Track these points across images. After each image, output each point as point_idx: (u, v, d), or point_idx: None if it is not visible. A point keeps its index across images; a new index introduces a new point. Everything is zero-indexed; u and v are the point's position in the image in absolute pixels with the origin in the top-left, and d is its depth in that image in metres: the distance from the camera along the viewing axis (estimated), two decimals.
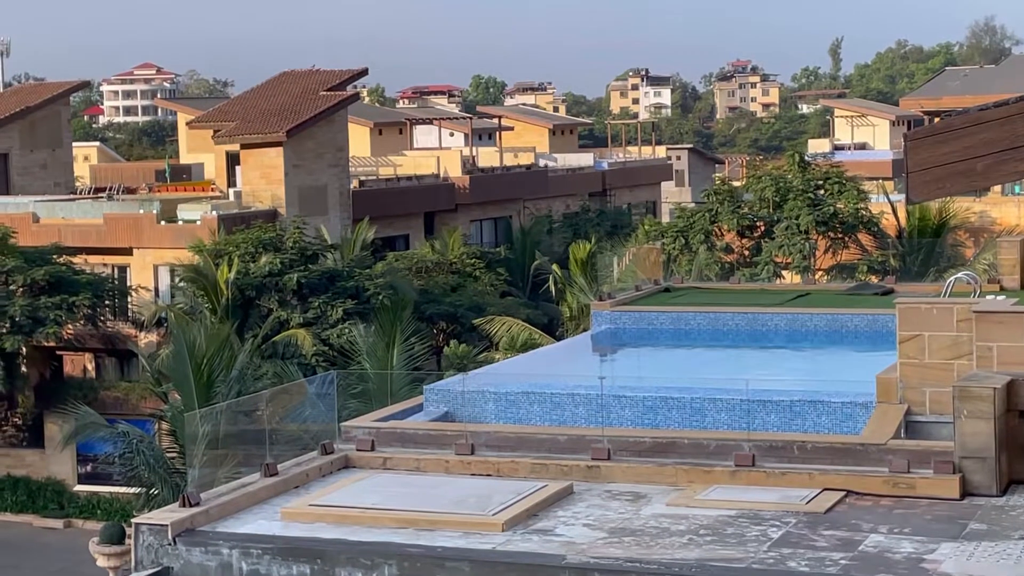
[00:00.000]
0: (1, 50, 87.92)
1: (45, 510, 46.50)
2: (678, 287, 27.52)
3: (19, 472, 48.33)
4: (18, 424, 50.31)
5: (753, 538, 13.14)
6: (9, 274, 46.81)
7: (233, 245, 46.07)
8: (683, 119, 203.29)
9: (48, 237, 49.55)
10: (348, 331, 41.10)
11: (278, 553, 13.38)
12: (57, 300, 46.02)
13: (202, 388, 30.51)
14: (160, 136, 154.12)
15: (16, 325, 45.47)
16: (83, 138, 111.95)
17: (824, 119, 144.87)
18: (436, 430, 17.03)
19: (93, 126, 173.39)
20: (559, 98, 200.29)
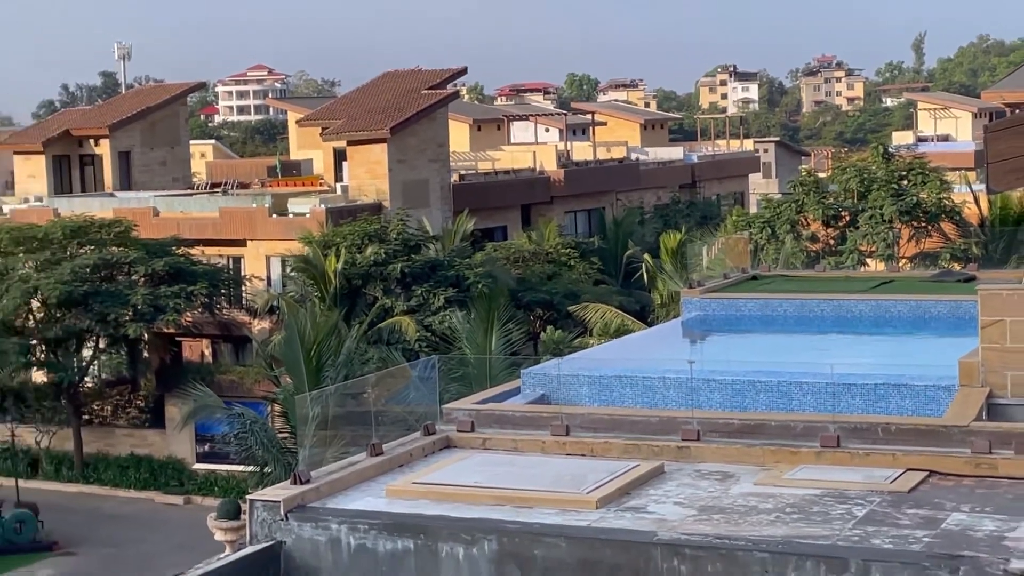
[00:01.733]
0: (123, 54, 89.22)
1: (166, 487, 47.10)
2: (765, 275, 27.29)
3: (142, 451, 49.05)
4: (140, 406, 51.01)
5: (838, 516, 13.02)
6: (131, 265, 47.43)
7: (340, 237, 46.38)
8: (770, 113, 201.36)
9: (167, 230, 50.16)
10: (449, 318, 41.27)
11: (383, 528, 13.47)
12: (176, 289, 46.56)
13: (312, 372, 30.77)
14: (271, 134, 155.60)
15: (138, 313, 46.07)
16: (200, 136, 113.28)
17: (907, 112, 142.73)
18: (533, 412, 17.05)
19: (209, 125, 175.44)
20: (650, 94, 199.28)
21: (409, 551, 13.30)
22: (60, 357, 47.89)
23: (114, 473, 48.06)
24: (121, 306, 45.97)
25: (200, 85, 79.66)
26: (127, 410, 51.05)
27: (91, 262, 46.66)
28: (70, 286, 45.48)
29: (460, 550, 13.11)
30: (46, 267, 46.79)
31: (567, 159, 67.07)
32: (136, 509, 45.56)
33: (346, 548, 13.56)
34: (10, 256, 48.02)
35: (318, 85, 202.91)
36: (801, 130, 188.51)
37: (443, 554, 13.17)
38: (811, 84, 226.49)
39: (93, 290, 46.15)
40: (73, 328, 46.70)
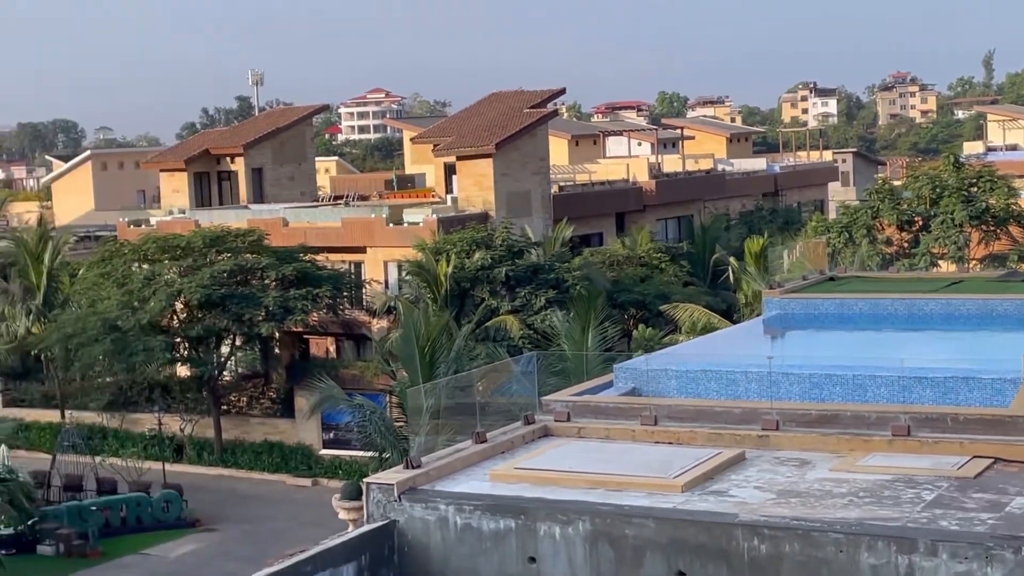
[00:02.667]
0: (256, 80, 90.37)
1: (296, 471, 47.53)
2: (842, 276, 26.95)
3: (274, 438, 49.58)
4: (272, 397, 51.58)
5: (908, 500, 12.82)
6: (264, 270, 47.94)
7: (450, 243, 46.56)
8: (848, 126, 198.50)
9: (295, 238, 50.64)
10: (550, 317, 41.25)
11: (487, 509, 13.53)
12: (303, 292, 46.99)
13: (425, 367, 30.93)
14: (388, 151, 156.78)
15: (270, 314, 46.58)
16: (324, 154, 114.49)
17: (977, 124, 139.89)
18: (624, 403, 17.01)
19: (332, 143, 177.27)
20: (735, 110, 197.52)
21: (510, 530, 13.34)
22: (201, 353, 48.60)
23: (249, 458, 48.63)
24: (255, 307, 46.53)
25: (324, 107, 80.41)
26: (261, 401, 51.66)
27: (228, 268, 47.27)
28: (209, 289, 46.16)
29: (557, 529, 13.11)
30: (188, 272, 47.52)
31: (658, 171, 66.73)
32: (269, 490, 46.09)
33: (453, 527, 13.64)
34: (157, 263, 48.84)
35: (430, 106, 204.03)
36: (877, 142, 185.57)
37: (541, 533, 13.18)
38: (887, 98, 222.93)
39: (230, 293, 46.78)
40: (212, 327, 47.37)
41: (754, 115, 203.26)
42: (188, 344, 48.51)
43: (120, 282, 48.31)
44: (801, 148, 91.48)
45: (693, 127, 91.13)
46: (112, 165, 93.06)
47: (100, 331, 46.33)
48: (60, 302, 54.23)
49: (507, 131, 53.26)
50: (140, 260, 49.22)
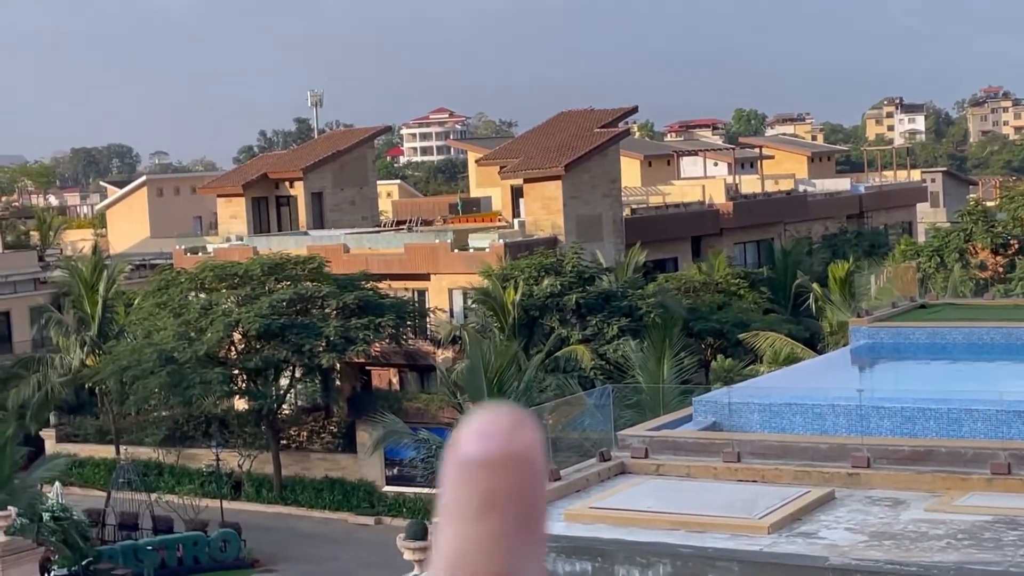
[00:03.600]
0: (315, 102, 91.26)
1: (358, 508, 47.64)
2: (933, 303, 26.65)
3: (335, 474, 49.73)
4: (333, 432, 51.77)
5: (1010, 542, 12.62)
6: (324, 299, 48.24)
7: (518, 270, 46.61)
8: (937, 144, 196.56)
9: (357, 265, 50.91)
10: (623, 347, 41.14)
11: (562, 551, 13.50)
12: (365, 321, 47.20)
13: (493, 399, 30.93)
14: (453, 173, 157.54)
15: (331, 344, 46.83)
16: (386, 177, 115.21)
17: None
18: (705, 439, 16.92)
19: (395, 165, 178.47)
20: (817, 127, 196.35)
21: (587, 573, 13.30)
22: (259, 386, 48.95)
23: (310, 495, 48.83)
24: (315, 338, 46.81)
25: (386, 129, 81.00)
26: (321, 435, 51.86)
27: (287, 296, 47.64)
28: (268, 319, 46.52)
29: (636, 573, 13.06)
30: (246, 301, 47.93)
31: (735, 192, 66.43)
32: (330, 529, 46.24)
33: None
34: (214, 292, 49.32)
35: (496, 126, 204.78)
36: (968, 160, 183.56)
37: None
38: (978, 114, 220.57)
39: (289, 323, 47.12)
40: (271, 358, 47.70)
41: (837, 133, 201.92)
42: (246, 376, 48.88)
43: (176, 312, 48.84)
44: (887, 167, 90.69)
45: (772, 146, 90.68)
46: (168, 191, 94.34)
47: (156, 363, 46.82)
48: (115, 333, 54.91)
49: (576, 152, 53.29)
50: (197, 289, 49.73)
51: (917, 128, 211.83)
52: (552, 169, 52.39)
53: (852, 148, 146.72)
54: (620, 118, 59.03)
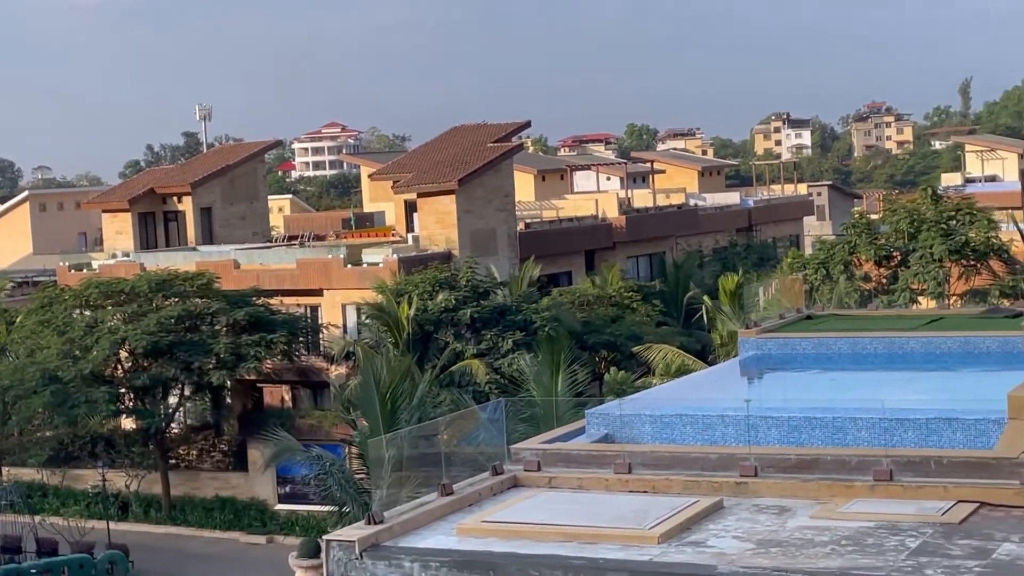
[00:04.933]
0: (204, 115, 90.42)
1: (250, 527, 47.24)
2: (819, 314, 27.18)
3: (226, 493, 49.29)
4: (224, 450, 51.32)
5: (892, 548, 12.94)
6: (214, 315, 47.85)
7: (412, 284, 46.63)
8: (823, 158, 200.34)
9: (248, 281, 50.58)
10: (517, 361, 41.31)
11: (454, 565, 13.55)
12: (257, 338, 46.90)
13: (386, 415, 30.87)
14: (345, 188, 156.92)
15: (221, 361, 46.47)
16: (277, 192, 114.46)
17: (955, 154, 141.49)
18: (597, 451, 17.09)
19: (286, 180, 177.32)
20: (707, 142, 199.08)
21: None
22: (147, 404, 48.36)
23: (200, 515, 48.33)
24: (205, 355, 46.41)
25: (277, 143, 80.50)
26: (211, 454, 51.38)
27: (176, 313, 47.18)
28: (156, 336, 46.02)
29: None
30: (133, 319, 47.36)
31: (628, 206, 67.10)
32: (221, 549, 45.77)
33: None
34: (99, 309, 48.66)
35: (389, 140, 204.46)
36: (853, 174, 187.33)
37: None
38: (862, 129, 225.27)
39: (178, 340, 46.65)
40: (159, 376, 47.19)
41: (726, 147, 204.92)
42: (133, 395, 48.28)
43: (60, 330, 48.07)
44: (775, 181, 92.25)
45: (663, 160, 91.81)
46: (51, 206, 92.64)
47: (39, 382, 46.05)
48: None
49: (470, 166, 53.48)
50: (81, 306, 49.02)
51: (804, 143, 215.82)
52: (446, 184, 52.52)
53: (741, 162, 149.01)
54: (513, 132, 59.35)
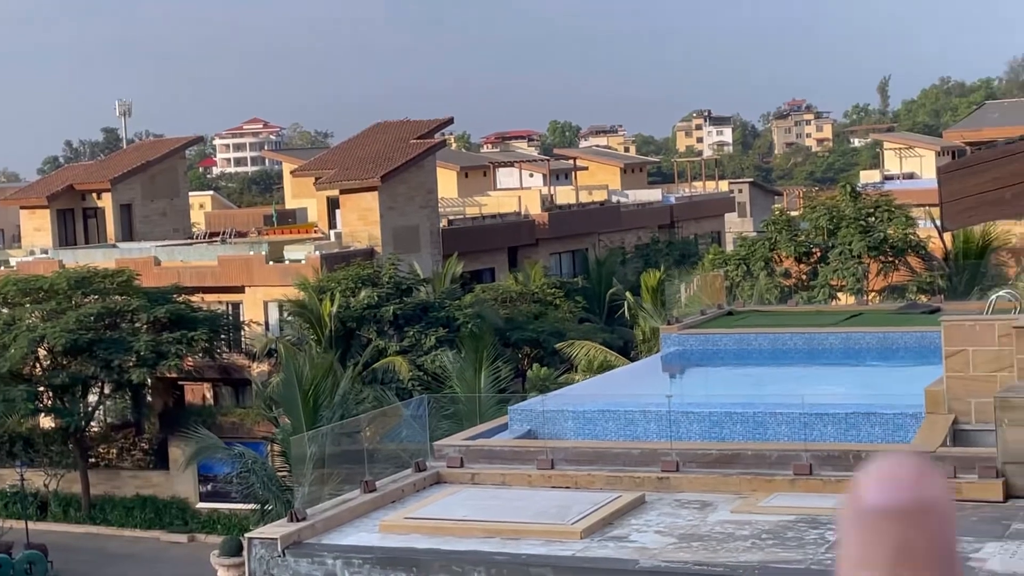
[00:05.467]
0: (124, 111, 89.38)
1: (171, 526, 46.86)
2: (740, 310, 27.39)
3: (147, 492, 48.83)
4: (145, 448, 50.83)
5: (811, 541, 13.06)
6: (134, 313, 47.38)
7: (335, 281, 46.42)
8: (744, 155, 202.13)
9: (168, 278, 50.13)
10: (440, 357, 41.26)
11: (377, 562, 13.49)
12: (178, 335, 46.51)
13: (309, 412, 30.74)
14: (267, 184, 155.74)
15: (142, 359, 46.02)
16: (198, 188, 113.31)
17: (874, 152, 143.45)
18: (520, 447, 17.09)
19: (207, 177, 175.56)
20: (629, 139, 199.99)
21: None
22: (67, 403, 47.74)
23: (120, 514, 47.82)
24: (125, 353, 45.92)
25: (198, 139, 79.76)
26: (132, 453, 50.86)
27: (95, 311, 46.61)
28: (75, 334, 45.43)
29: None
30: (52, 316, 46.74)
31: (551, 203, 67.27)
32: (142, 548, 45.32)
33: None
34: (17, 307, 47.96)
35: (312, 137, 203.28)
36: (773, 171, 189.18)
37: None
38: (782, 127, 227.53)
39: (98, 338, 46.09)
40: (79, 375, 46.60)
41: (648, 144, 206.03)
42: (52, 393, 47.63)
43: None
44: (697, 178, 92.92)
45: (586, 157, 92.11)
46: None
47: None
48: None
49: (393, 163, 53.33)
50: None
51: (725, 140, 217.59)
52: (368, 180, 52.33)
53: (663, 159, 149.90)
54: (436, 129, 59.26)
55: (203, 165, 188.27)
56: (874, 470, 0.67)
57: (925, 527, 0.63)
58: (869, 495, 0.66)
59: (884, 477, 0.67)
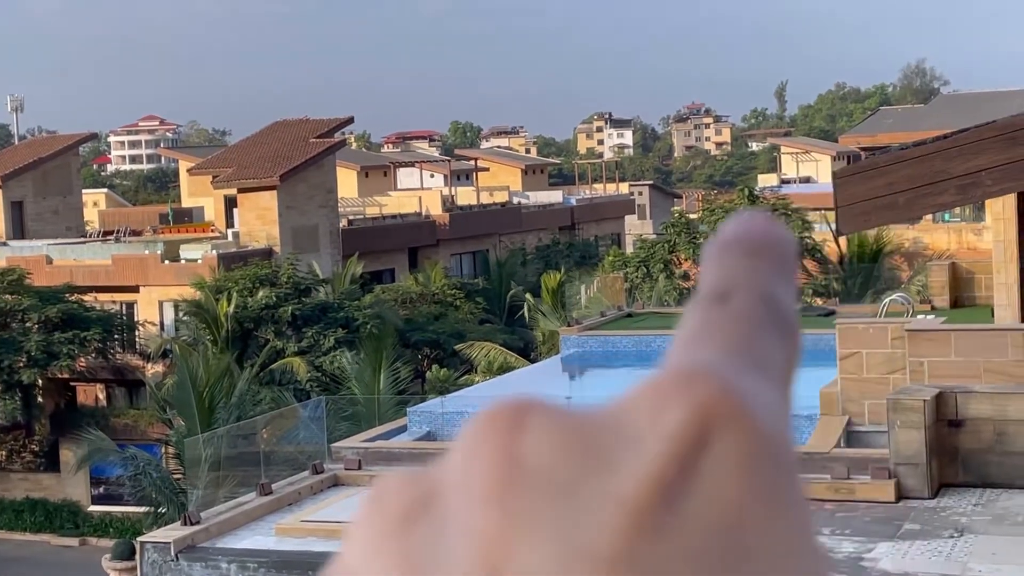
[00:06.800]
0: (16, 106, 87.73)
1: (62, 529, 46.11)
2: (640, 312, 27.60)
3: (37, 495, 48.00)
4: (35, 450, 49.98)
5: None
6: (25, 312, 46.59)
7: (232, 281, 45.99)
8: (644, 158, 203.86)
9: (61, 277, 49.37)
10: (339, 358, 41.06)
11: (273, 566, 13.36)
12: (70, 335, 45.81)
13: (204, 414, 30.43)
14: (163, 182, 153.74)
15: (32, 359, 45.25)
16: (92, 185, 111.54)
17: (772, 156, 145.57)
18: (419, 449, 17.04)
19: (101, 174, 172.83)
20: (530, 140, 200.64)
21: None
22: None
23: (9, 517, 46.93)
24: (15, 353, 45.12)
25: (92, 136, 78.53)
26: (22, 454, 49.95)
27: None
28: None
29: None
30: None
31: (452, 204, 67.28)
32: (32, 552, 44.50)
33: None
34: None
35: (209, 135, 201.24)
36: (673, 173, 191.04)
37: None
38: (682, 130, 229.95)
39: None
40: None
41: (549, 146, 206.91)
42: None
43: None
44: (597, 180, 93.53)
45: (487, 158, 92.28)
46: None
47: None
48: None
49: (292, 162, 52.98)
50: None
51: (625, 142, 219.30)
52: (267, 179, 51.93)
53: (564, 161, 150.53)
54: (336, 128, 59.00)
55: (97, 162, 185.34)
56: (732, 218, 0.67)
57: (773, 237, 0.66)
58: (724, 230, 0.67)
59: (739, 218, 0.68)
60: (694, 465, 0.55)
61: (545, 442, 0.57)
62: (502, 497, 0.55)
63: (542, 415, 0.59)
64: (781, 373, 0.63)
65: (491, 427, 0.58)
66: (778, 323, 0.64)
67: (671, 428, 0.56)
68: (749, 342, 0.62)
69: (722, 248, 0.66)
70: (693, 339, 0.63)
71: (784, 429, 0.59)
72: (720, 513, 0.54)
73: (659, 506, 0.54)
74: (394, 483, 0.59)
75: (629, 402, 0.59)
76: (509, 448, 0.57)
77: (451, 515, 0.57)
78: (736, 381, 0.59)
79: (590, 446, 0.57)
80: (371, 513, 0.59)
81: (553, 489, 0.55)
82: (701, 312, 0.64)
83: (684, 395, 0.58)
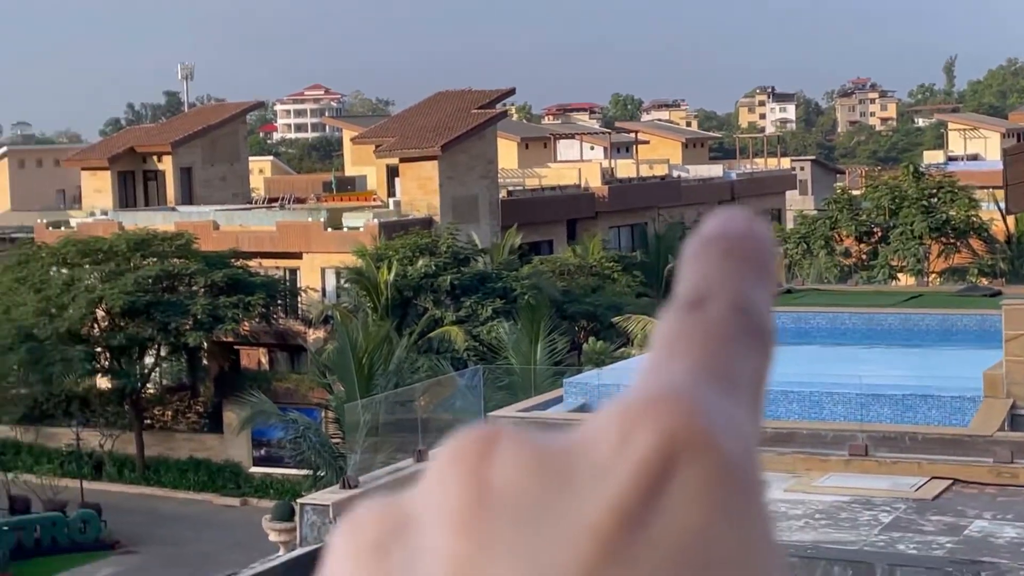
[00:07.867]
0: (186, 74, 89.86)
1: (224, 489, 47.19)
2: (800, 289, 27.29)
3: (201, 455, 49.25)
4: (199, 412, 51.26)
5: (865, 522, 13.04)
6: (192, 276, 47.72)
7: (393, 250, 46.55)
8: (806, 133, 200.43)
9: (227, 243, 50.42)
10: (496, 328, 41.37)
11: None
12: (235, 300, 46.78)
13: (363, 380, 30.94)
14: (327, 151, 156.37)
15: (198, 322, 46.35)
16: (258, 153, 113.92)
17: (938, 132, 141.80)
18: (575, 420, 17.15)
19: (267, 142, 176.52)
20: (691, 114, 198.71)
21: None
22: (123, 364, 48.24)
23: (174, 476, 48.28)
24: (182, 316, 46.30)
25: (259, 104, 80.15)
26: (187, 415, 51.31)
27: (153, 273, 47.02)
28: (133, 296, 45.86)
29: None
30: (111, 278, 47.16)
31: (611, 176, 67.11)
32: (194, 510, 45.76)
33: None
34: (77, 267, 48.46)
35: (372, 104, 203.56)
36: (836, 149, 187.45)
37: None
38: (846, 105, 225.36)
39: (155, 300, 46.50)
40: (136, 336, 47.05)
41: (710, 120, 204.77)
42: (109, 354, 48.15)
43: (37, 288, 47.85)
44: (759, 155, 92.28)
45: (647, 131, 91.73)
46: (30, 163, 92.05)
47: (14, 340, 45.86)
48: None
49: (453, 132, 53.34)
50: (59, 264, 48.80)
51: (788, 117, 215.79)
52: (428, 149, 52.39)
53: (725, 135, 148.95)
54: (498, 99, 59.21)
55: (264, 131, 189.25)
56: (712, 217, 0.69)
57: (751, 240, 0.66)
58: (704, 229, 0.68)
59: (719, 217, 0.69)
60: (660, 492, 0.57)
61: (513, 469, 0.59)
62: (471, 523, 0.58)
63: (511, 443, 0.61)
64: (751, 388, 0.64)
65: (461, 455, 0.60)
66: (752, 332, 0.65)
67: (638, 455, 0.59)
68: (719, 356, 0.63)
69: (699, 248, 0.67)
70: (665, 352, 0.65)
71: (750, 449, 0.61)
72: (685, 539, 0.56)
73: (625, 532, 0.56)
74: (368, 511, 0.61)
75: (597, 428, 0.61)
76: (478, 475, 0.59)
77: (423, 541, 0.59)
78: (703, 405, 0.60)
79: (558, 472, 0.59)
80: (345, 541, 0.61)
81: (521, 515, 0.58)
82: (675, 320, 0.66)
83: (651, 421, 0.60)
